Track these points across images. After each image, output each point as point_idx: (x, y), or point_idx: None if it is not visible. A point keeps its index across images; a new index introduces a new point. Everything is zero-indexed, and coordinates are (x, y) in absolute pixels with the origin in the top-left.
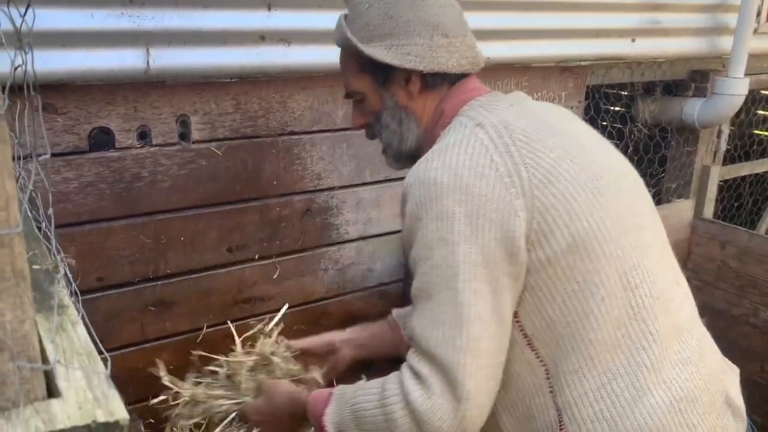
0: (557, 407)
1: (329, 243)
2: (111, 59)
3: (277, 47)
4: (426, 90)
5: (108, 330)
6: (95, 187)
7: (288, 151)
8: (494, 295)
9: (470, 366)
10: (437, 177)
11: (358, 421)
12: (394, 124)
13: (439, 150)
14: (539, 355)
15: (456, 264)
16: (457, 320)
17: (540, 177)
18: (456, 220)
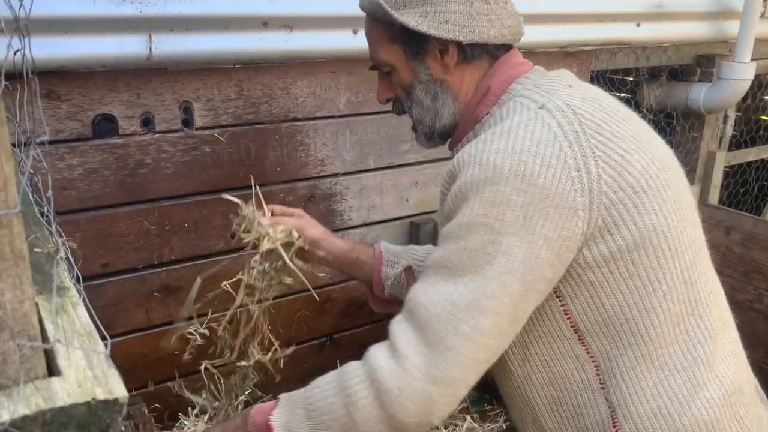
0: (610, 404)
1: (333, 229)
2: (113, 46)
3: (279, 33)
4: (464, 62)
5: (113, 316)
6: (99, 173)
7: (291, 137)
8: (521, 296)
9: (464, 356)
10: (497, 161)
11: (311, 416)
12: (428, 100)
13: (501, 132)
14: (590, 351)
15: (495, 254)
16: (472, 307)
17: (610, 171)
18: (510, 210)
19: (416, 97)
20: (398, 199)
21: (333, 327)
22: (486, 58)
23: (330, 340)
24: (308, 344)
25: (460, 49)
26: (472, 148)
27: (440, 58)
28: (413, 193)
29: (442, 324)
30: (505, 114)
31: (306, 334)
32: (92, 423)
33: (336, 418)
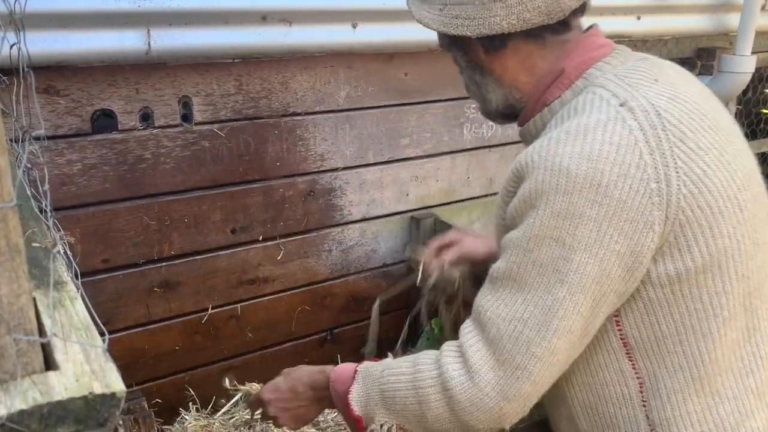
0: (651, 423)
1: (333, 224)
2: (111, 40)
3: (278, 27)
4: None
5: (114, 311)
6: (99, 169)
7: (290, 132)
8: (592, 311)
9: (536, 375)
10: (570, 167)
11: (387, 402)
12: (473, 86)
13: (576, 132)
14: (636, 367)
15: (566, 272)
16: (543, 328)
17: (690, 186)
18: (582, 224)
19: (465, 82)
20: (398, 193)
21: (333, 321)
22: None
23: (330, 334)
24: (308, 339)
25: (480, 43)
26: (543, 147)
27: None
28: (413, 187)
29: (513, 343)
30: (581, 106)
31: (306, 328)
32: (90, 417)
33: (408, 409)
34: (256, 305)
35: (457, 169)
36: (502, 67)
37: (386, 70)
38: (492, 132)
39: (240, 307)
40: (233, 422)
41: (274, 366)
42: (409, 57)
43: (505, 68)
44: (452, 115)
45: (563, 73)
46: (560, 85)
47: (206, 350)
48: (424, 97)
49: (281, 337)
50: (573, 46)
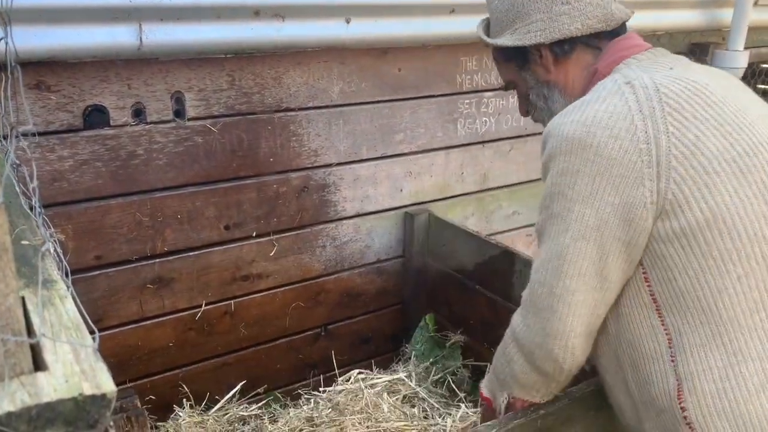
0: (678, 377)
1: (327, 220)
2: (102, 35)
3: (271, 22)
4: (560, 59)
5: (107, 308)
6: (91, 165)
7: (284, 127)
8: (600, 257)
9: (562, 312)
10: (569, 132)
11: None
12: (541, 102)
13: (580, 104)
14: (665, 323)
15: (568, 221)
16: (557, 271)
17: (682, 149)
18: (579, 179)
19: (533, 102)
20: (392, 189)
21: (327, 317)
22: (584, 48)
23: (324, 330)
24: (302, 335)
25: (551, 50)
26: (555, 120)
27: (540, 62)
28: (407, 183)
29: (541, 287)
30: (595, 89)
31: (300, 324)
32: (80, 419)
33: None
34: (249, 301)
35: (451, 165)
36: (566, 76)
37: (380, 66)
38: (486, 128)
39: (234, 304)
40: (227, 418)
41: (269, 362)
42: (403, 52)
43: (568, 77)
44: (446, 110)
45: (597, 73)
46: (595, 82)
47: (200, 347)
48: (418, 92)
49: (275, 333)
50: (606, 49)
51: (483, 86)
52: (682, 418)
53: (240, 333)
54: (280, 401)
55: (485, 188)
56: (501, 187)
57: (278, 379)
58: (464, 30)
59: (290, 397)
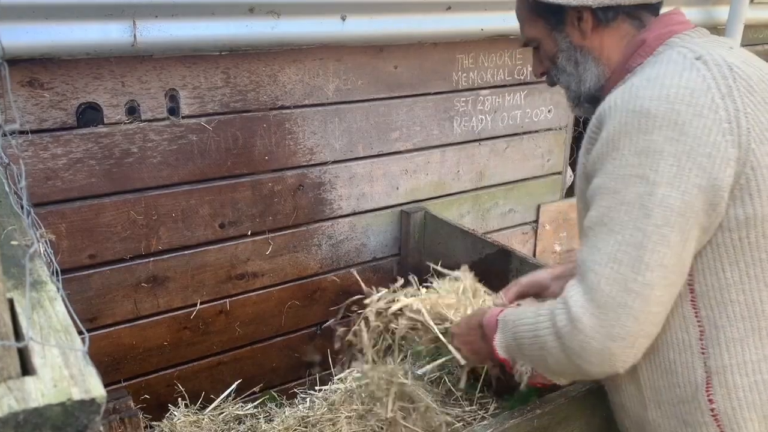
0: (707, 369)
1: (322, 218)
2: (96, 33)
3: (266, 19)
4: (601, 26)
5: (101, 307)
6: (84, 163)
7: (279, 125)
8: (682, 245)
9: (637, 310)
10: (650, 107)
11: (521, 348)
12: (570, 66)
13: (655, 78)
14: (699, 315)
15: (651, 206)
16: (636, 263)
17: (758, 131)
18: (663, 159)
19: (561, 65)
20: (388, 187)
21: (323, 316)
22: (625, 19)
23: (320, 329)
24: (298, 333)
25: (594, 14)
26: (625, 93)
27: (577, 25)
28: (403, 181)
29: (611, 285)
30: (659, 61)
31: (296, 323)
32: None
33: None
34: (245, 300)
35: (447, 163)
36: (601, 44)
37: (376, 63)
38: (482, 126)
39: (229, 302)
40: (223, 417)
41: (264, 361)
42: (399, 50)
43: (603, 46)
44: (442, 108)
45: (644, 43)
46: (642, 53)
47: (195, 346)
48: (414, 90)
49: (270, 332)
50: (654, 22)
51: (479, 84)
52: (709, 409)
53: (235, 332)
54: (276, 400)
55: (481, 186)
56: (497, 185)
57: (274, 378)
58: (460, 27)
59: (286, 396)
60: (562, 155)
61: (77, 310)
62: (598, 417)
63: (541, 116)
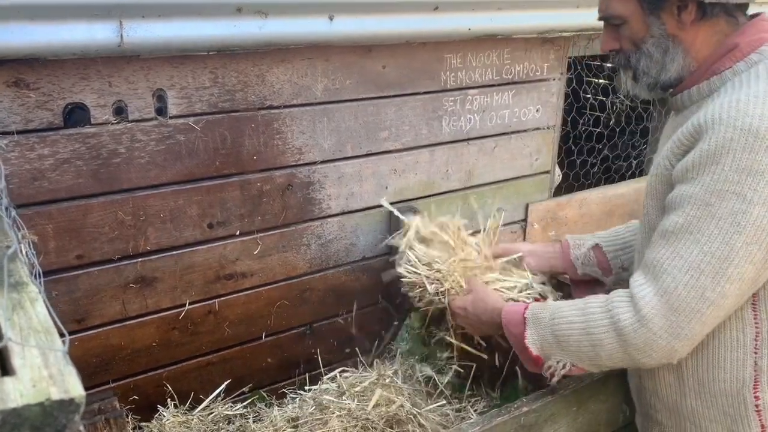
0: (757, 368)
1: (311, 218)
2: (82, 33)
3: (254, 19)
4: (700, 21)
5: (89, 308)
6: (72, 164)
7: (268, 125)
8: (763, 263)
9: (708, 316)
10: (759, 127)
11: (561, 345)
12: (658, 54)
13: (763, 96)
14: (758, 317)
15: (744, 223)
16: (719, 275)
17: None
18: (763, 179)
19: (646, 50)
20: (377, 186)
21: (312, 316)
22: (723, 17)
23: (309, 329)
24: (288, 333)
25: (700, 7)
26: (731, 108)
27: (677, 15)
28: (392, 180)
29: (689, 291)
30: (762, 74)
31: (285, 323)
32: (47, 424)
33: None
34: (234, 300)
35: (436, 162)
36: (694, 38)
37: (364, 63)
38: (471, 125)
39: (218, 303)
40: (212, 418)
41: (253, 361)
42: (387, 49)
43: (695, 40)
44: (431, 108)
45: (736, 47)
46: (733, 57)
47: (184, 346)
48: (403, 90)
49: (260, 332)
50: (745, 27)
51: (467, 84)
52: (754, 405)
53: (224, 332)
54: (266, 400)
55: (470, 186)
56: (486, 184)
57: (263, 378)
58: (448, 27)
59: (275, 396)
60: (550, 154)
61: (65, 311)
62: (584, 414)
63: (529, 116)
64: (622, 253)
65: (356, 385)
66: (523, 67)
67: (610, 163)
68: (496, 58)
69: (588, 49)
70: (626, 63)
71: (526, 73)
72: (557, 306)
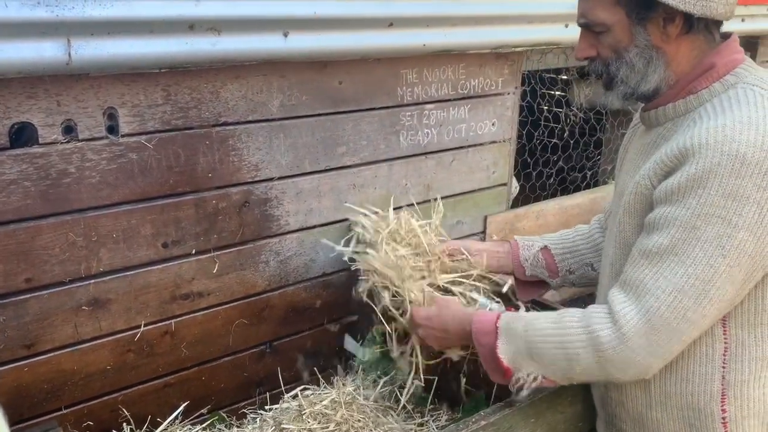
0: (725, 382)
1: (269, 235)
2: (28, 51)
3: (206, 36)
4: (685, 35)
5: (39, 332)
6: (19, 185)
7: (222, 142)
8: (742, 283)
9: (687, 335)
10: (746, 153)
11: (534, 357)
12: (641, 64)
13: (748, 122)
14: (727, 333)
15: (728, 247)
16: (701, 297)
17: None
18: (748, 205)
19: (629, 59)
20: (336, 202)
21: (272, 334)
22: (704, 32)
23: (270, 347)
24: (247, 352)
25: (686, 21)
26: (717, 133)
27: (663, 27)
28: (351, 195)
29: (671, 311)
30: (742, 99)
31: (244, 342)
32: None
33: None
34: (191, 320)
35: (394, 177)
36: (677, 50)
37: (320, 79)
38: (428, 139)
39: (174, 323)
40: None
41: (212, 382)
42: (343, 65)
43: (679, 52)
44: (388, 122)
45: (713, 68)
46: (710, 77)
47: (140, 368)
48: (360, 105)
49: (218, 352)
50: (721, 47)
51: (424, 98)
52: (721, 418)
53: (182, 353)
54: (225, 421)
55: (428, 199)
56: (445, 197)
57: (223, 399)
58: (403, 43)
59: (235, 417)
60: (507, 167)
61: (13, 337)
62: (542, 425)
63: (486, 129)
64: (570, 257)
65: (317, 404)
66: (478, 82)
67: (565, 175)
68: (452, 74)
69: (541, 63)
70: (604, 70)
71: (482, 88)
72: (532, 317)
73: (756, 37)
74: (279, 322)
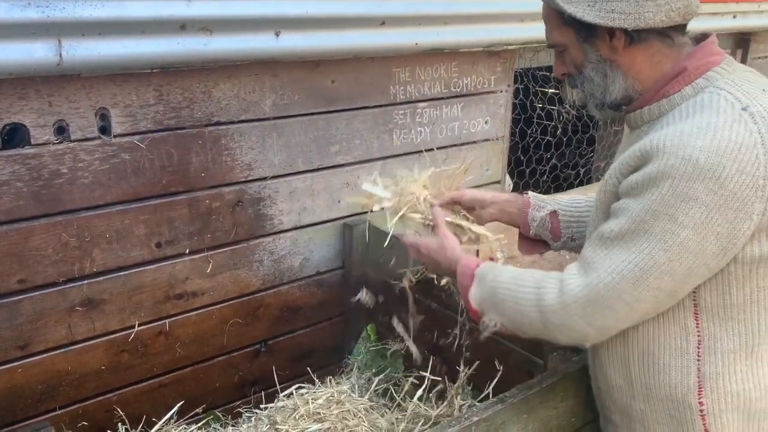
0: (700, 375)
1: (263, 234)
2: (19, 52)
3: (198, 36)
4: (632, 45)
5: (33, 333)
6: (11, 186)
7: (215, 141)
8: (683, 278)
9: (620, 314)
10: (699, 157)
11: (496, 305)
12: (598, 78)
13: (707, 129)
14: (699, 326)
15: (671, 243)
16: (637, 282)
17: None
18: (696, 206)
19: (587, 74)
20: (330, 200)
21: (267, 333)
22: (657, 38)
23: (264, 346)
24: (242, 351)
25: (627, 35)
26: (675, 137)
27: (609, 42)
28: (344, 194)
29: (608, 290)
30: (707, 103)
31: (239, 341)
32: None
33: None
34: (185, 320)
35: (388, 175)
36: (631, 61)
37: (313, 78)
38: (421, 138)
39: (168, 323)
40: None
41: (207, 381)
42: (336, 64)
43: (633, 62)
44: (381, 121)
45: (685, 71)
46: (681, 81)
47: (134, 368)
48: (352, 104)
49: (213, 352)
50: (695, 50)
51: (417, 97)
52: (698, 411)
53: (176, 353)
54: (220, 420)
55: None
56: None
57: (217, 398)
58: (395, 42)
59: (231, 416)
60: (500, 165)
61: (7, 337)
62: (534, 421)
63: (479, 127)
64: (575, 226)
65: (312, 402)
66: (470, 80)
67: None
68: (444, 72)
69: (534, 60)
70: (576, 85)
71: (474, 86)
72: (502, 270)
73: (748, 34)
74: (273, 321)
